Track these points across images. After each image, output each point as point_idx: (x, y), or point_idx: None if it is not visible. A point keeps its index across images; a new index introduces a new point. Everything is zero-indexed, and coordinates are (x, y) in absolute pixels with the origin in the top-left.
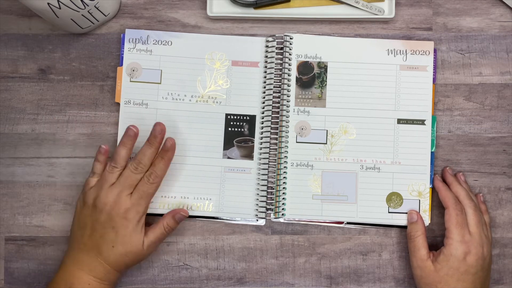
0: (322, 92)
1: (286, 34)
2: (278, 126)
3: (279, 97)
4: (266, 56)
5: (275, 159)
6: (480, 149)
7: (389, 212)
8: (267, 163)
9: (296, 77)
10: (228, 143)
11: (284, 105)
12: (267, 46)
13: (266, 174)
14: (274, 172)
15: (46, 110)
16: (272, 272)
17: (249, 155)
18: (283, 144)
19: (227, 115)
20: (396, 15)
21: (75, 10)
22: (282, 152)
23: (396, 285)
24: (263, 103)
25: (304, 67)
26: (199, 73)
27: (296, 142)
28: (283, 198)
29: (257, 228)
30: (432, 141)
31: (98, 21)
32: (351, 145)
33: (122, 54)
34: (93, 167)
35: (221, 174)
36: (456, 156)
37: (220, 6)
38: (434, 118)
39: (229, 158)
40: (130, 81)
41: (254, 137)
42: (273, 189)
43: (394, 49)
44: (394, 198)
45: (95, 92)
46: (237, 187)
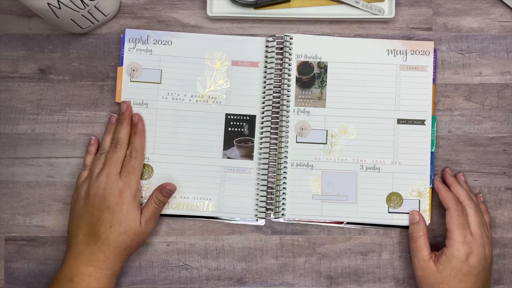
0: (322, 92)
1: (286, 34)
2: (278, 126)
3: (279, 97)
4: (266, 56)
5: (275, 159)
6: (480, 149)
7: (389, 212)
8: (267, 163)
9: (296, 77)
10: (228, 143)
11: (284, 105)
12: (267, 46)
13: (266, 174)
14: (274, 172)
15: (46, 110)
16: (272, 272)
17: (249, 155)
18: (283, 144)
19: (227, 115)
20: (396, 15)
21: (75, 10)
22: (282, 152)
23: (396, 285)
24: (263, 103)
25: (304, 67)
26: (199, 73)
27: (296, 142)
28: (283, 198)
29: (257, 228)
30: (432, 141)
31: (98, 21)
32: (351, 145)
33: (122, 54)
34: (84, 160)
35: (221, 174)
36: (456, 156)
37: (220, 6)
38: (434, 118)
39: (229, 158)
40: (130, 81)
41: (254, 137)
42: (273, 189)
43: (394, 49)
44: (394, 198)
45: (95, 92)
46: (237, 187)
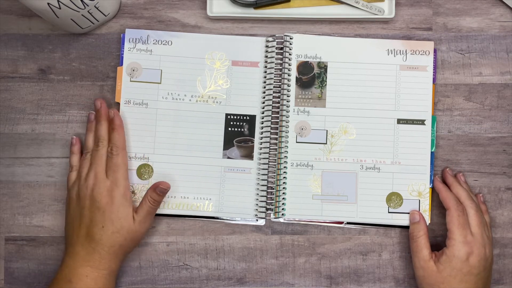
0: (322, 92)
1: (286, 34)
2: (278, 126)
3: (279, 97)
4: (266, 56)
5: (275, 159)
6: (480, 149)
7: (389, 212)
8: (267, 163)
9: (296, 77)
10: (228, 143)
11: (284, 105)
12: (267, 46)
13: (266, 174)
14: (274, 172)
15: (46, 110)
16: (272, 272)
17: (249, 155)
18: (283, 144)
19: (227, 115)
20: (396, 15)
21: (75, 10)
22: (282, 152)
23: (396, 285)
24: (263, 103)
25: (304, 67)
26: (199, 73)
27: (296, 142)
28: (283, 198)
29: (257, 228)
30: (432, 141)
31: (98, 21)
32: (351, 145)
33: (122, 54)
34: (70, 161)
35: (221, 174)
36: (456, 156)
37: (220, 6)
38: (434, 118)
39: (229, 158)
40: (130, 81)
41: (254, 137)
42: (273, 189)
43: (394, 49)
44: (394, 198)
45: (95, 92)
46: (237, 187)
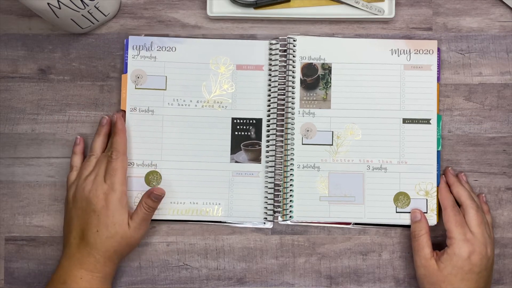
0: (327, 94)
1: (290, 36)
2: (284, 129)
3: (284, 100)
4: (270, 59)
5: (282, 162)
6: (480, 149)
7: (397, 212)
8: (274, 166)
9: (301, 79)
10: (235, 147)
11: (289, 108)
12: (271, 49)
13: (273, 177)
14: (281, 175)
15: (46, 110)
16: (272, 272)
17: (257, 159)
18: (289, 147)
19: (233, 119)
20: (396, 15)
21: (75, 10)
22: (289, 155)
23: (396, 285)
24: (269, 106)
25: (308, 69)
26: (204, 78)
27: (302, 144)
28: (291, 201)
29: (257, 228)
30: (438, 140)
31: (98, 21)
32: (357, 146)
33: (126, 61)
34: (71, 161)
35: (229, 179)
36: (456, 156)
37: (220, 6)
38: (439, 117)
39: (237, 162)
40: (135, 88)
41: (261, 140)
42: (281, 192)
43: (398, 49)
44: (402, 198)
45: (95, 92)
46: (246, 191)
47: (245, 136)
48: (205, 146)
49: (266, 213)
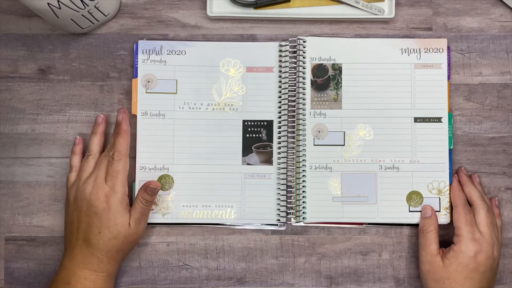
0: (338, 94)
1: (299, 38)
2: (295, 130)
3: (295, 101)
4: (280, 61)
5: (294, 163)
6: (480, 149)
7: (410, 211)
8: (286, 167)
9: (311, 80)
10: (247, 149)
11: (300, 109)
12: (281, 51)
13: (286, 179)
14: (293, 176)
15: (46, 110)
16: (272, 272)
17: (269, 160)
18: (301, 148)
19: (244, 122)
20: (396, 15)
21: (75, 10)
22: (300, 156)
23: (396, 285)
24: (280, 108)
25: (319, 70)
26: (214, 81)
27: (314, 145)
28: (303, 202)
29: (257, 229)
30: (450, 138)
31: (98, 21)
32: (369, 146)
33: (136, 65)
34: (70, 162)
35: (242, 181)
36: (456, 156)
37: (220, 6)
38: (451, 115)
39: (249, 164)
40: (146, 93)
41: (273, 142)
42: (293, 193)
43: (408, 48)
44: (415, 197)
45: (95, 92)
46: (258, 193)
47: (257, 138)
48: (217, 149)
49: (279, 215)
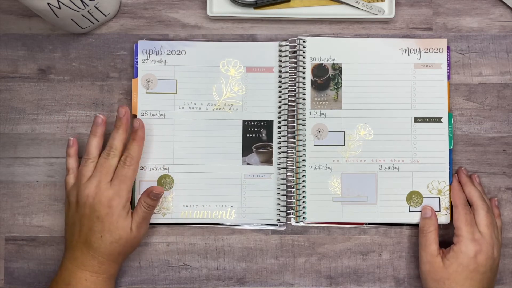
0: (338, 94)
1: (299, 38)
2: (295, 130)
3: (295, 101)
4: (280, 61)
5: (294, 163)
6: (480, 149)
7: (410, 211)
8: (286, 167)
9: (311, 80)
10: (247, 149)
11: (300, 109)
12: (281, 51)
13: (286, 179)
14: (293, 176)
15: (46, 110)
16: (272, 272)
17: (269, 160)
18: (301, 148)
19: (244, 122)
20: (396, 15)
21: (75, 10)
22: (300, 156)
23: (396, 285)
24: (280, 108)
25: (319, 70)
26: (214, 81)
27: (314, 145)
28: (303, 202)
29: (257, 229)
30: (450, 138)
31: (98, 21)
32: (369, 146)
33: (136, 65)
34: (67, 164)
35: (242, 181)
36: (456, 156)
37: (220, 6)
38: (451, 115)
39: (249, 164)
40: (146, 93)
41: (273, 142)
42: (293, 193)
43: (408, 48)
44: (415, 197)
45: (95, 92)
46: (258, 193)
47: (257, 138)
48: (217, 149)
49: (279, 215)
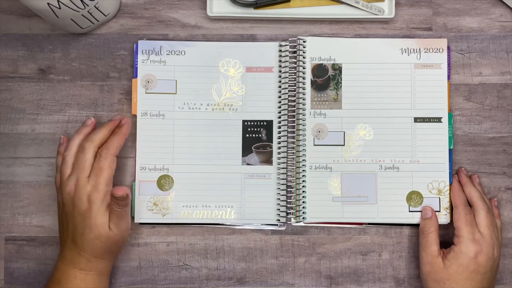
0: (338, 94)
1: (299, 38)
2: (295, 130)
3: (295, 101)
4: (280, 61)
5: (294, 163)
6: (480, 149)
7: (410, 211)
8: (286, 167)
9: (311, 80)
10: (247, 150)
11: (300, 109)
12: (281, 51)
13: (285, 179)
14: (293, 176)
15: (46, 110)
16: (272, 272)
17: (268, 160)
18: (301, 148)
19: (244, 122)
20: (396, 15)
21: (75, 10)
22: (300, 156)
23: (396, 285)
24: (279, 108)
25: (319, 70)
26: (214, 81)
27: (314, 145)
28: (303, 202)
29: (257, 229)
30: (450, 138)
31: (98, 21)
32: (369, 146)
33: (136, 66)
34: (56, 161)
35: (241, 181)
36: (456, 156)
37: (220, 6)
38: (451, 115)
39: (249, 165)
40: (146, 93)
41: (272, 142)
42: (293, 193)
43: (408, 48)
44: (414, 197)
45: (95, 92)
46: (258, 193)
47: (256, 138)
48: (217, 149)
49: (279, 215)
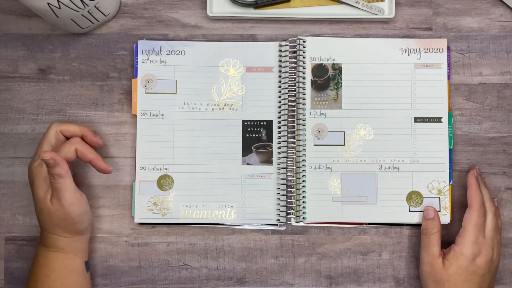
0: (338, 94)
1: (299, 38)
2: (295, 130)
3: (295, 101)
4: (280, 61)
5: (294, 163)
6: (480, 149)
7: (410, 211)
8: (286, 167)
9: (311, 80)
10: (247, 150)
11: (300, 109)
12: (281, 51)
13: (285, 179)
14: (293, 176)
15: (46, 110)
16: (272, 272)
17: (268, 160)
18: (301, 148)
19: (244, 122)
20: (396, 15)
21: (75, 10)
22: (300, 156)
23: (396, 285)
24: (279, 108)
25: (319, 70)
26: (214, 81)
27: (314, 145)
28: (303, 202)
29: (257, 228)
30: (450, 138)
31: (98, 21)
32: (369, 146)
33: (136, 66)
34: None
35: (242, 181)
36: (456, 156)
37: (220, 6)
38: (451, 115)
39: (249, 164)
40: (146, 93)
41: (272, 142)
42: (293, 193)
43: (408, 48)
44: (414, 197)
45: (95, 92)
46: (258, 193)
47: (256, 138)
48: (217, 149)
49: (279, 215)
